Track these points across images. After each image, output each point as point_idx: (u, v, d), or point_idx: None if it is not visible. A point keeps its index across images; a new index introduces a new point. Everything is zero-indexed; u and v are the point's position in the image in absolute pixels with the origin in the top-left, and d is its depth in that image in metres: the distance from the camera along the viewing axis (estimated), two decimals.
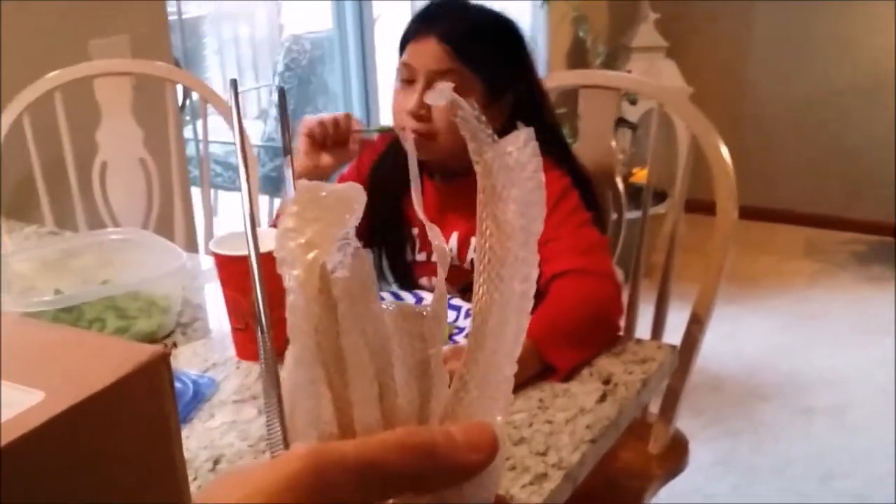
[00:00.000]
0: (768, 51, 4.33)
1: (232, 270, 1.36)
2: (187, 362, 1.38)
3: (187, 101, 2.77)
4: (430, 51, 1.53)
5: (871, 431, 2.87)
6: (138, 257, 1.52)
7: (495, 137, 0.34)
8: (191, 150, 3.14)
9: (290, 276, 0.33)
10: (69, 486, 0.63)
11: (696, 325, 1.67)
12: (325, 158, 1.52)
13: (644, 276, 1.83)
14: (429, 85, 1.53)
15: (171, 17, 2.70)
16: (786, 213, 4.35)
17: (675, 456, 1.73)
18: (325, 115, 1.53)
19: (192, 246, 2.37)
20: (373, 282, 0.35)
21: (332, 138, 1.51)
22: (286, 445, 0.33)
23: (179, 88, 2.25)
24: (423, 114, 1.52)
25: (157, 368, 0.72)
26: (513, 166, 0.33)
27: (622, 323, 1.52)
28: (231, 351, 1.41)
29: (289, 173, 0.36)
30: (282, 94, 0.77)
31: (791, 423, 2.94)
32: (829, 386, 3.12)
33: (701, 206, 1.86)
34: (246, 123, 2.15)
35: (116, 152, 2.19)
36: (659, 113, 1.80)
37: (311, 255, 0.32)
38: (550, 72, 3.72)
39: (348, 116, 1.54)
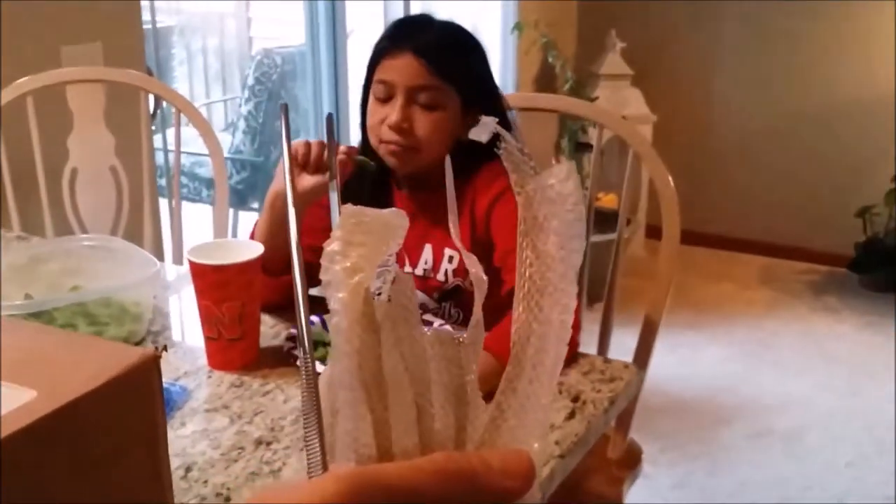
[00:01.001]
0: (731, 82, 4.40)
1: (207, 280, 1.35)
2: None
3: (158, 111, 2.75)
4: (406, 66, 1.54)
5: (824, 455, 2.92)
6: (109, 264, 1.51)
7: (537, 170, 0.35)
8: (158, 159, 3.12)
9: (335, 299, 0.33)
10: (58, 480, 0.63)
11: (644, 344, 1.75)
12: (305, 180, 1.49)
13: (602, 299, 1.87)
14: (408, 100, 1.54)
15: (145, 27, 2.68)
16: (745, 241, 4.40)
17: (632, 461, 1.83)
18: (313, 140, 1.52)
19: (158, 255, 2.35)
20: (415, 306, 0.36)
21: (316, 162, 1.50)
22: (325, 467, 0.33)
23: (150, 97, 2.24)
24: (405, 127, 1.54)
25: (148, 370, 0.72)
26: (554, 198, 0.34)
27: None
28: (202, 360, 1.41)
29: (334, 197, 0.37)
30: (329, 119, 0.76)
31: (747, 447, 2.97)
32: (784, 411, 3.17)
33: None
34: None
35: (87, 159, 2.17)
36: (598, 136, 1.85)
37: (355, 279, 0.33)
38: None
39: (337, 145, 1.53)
